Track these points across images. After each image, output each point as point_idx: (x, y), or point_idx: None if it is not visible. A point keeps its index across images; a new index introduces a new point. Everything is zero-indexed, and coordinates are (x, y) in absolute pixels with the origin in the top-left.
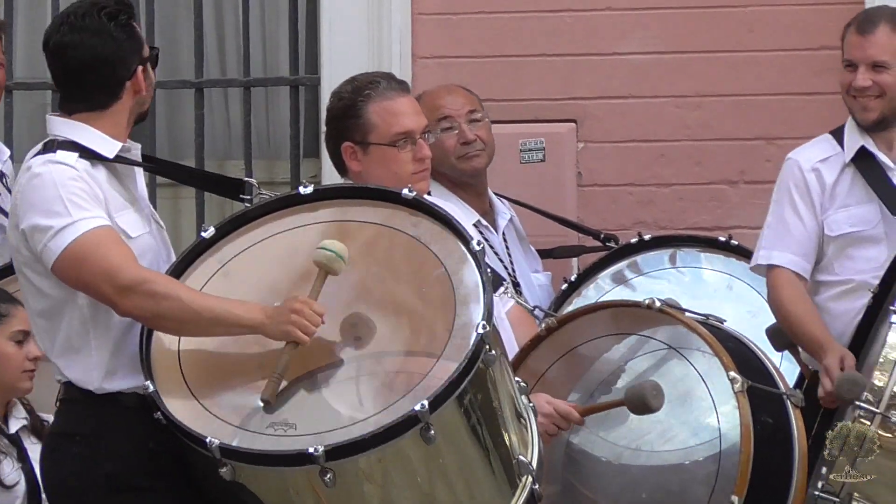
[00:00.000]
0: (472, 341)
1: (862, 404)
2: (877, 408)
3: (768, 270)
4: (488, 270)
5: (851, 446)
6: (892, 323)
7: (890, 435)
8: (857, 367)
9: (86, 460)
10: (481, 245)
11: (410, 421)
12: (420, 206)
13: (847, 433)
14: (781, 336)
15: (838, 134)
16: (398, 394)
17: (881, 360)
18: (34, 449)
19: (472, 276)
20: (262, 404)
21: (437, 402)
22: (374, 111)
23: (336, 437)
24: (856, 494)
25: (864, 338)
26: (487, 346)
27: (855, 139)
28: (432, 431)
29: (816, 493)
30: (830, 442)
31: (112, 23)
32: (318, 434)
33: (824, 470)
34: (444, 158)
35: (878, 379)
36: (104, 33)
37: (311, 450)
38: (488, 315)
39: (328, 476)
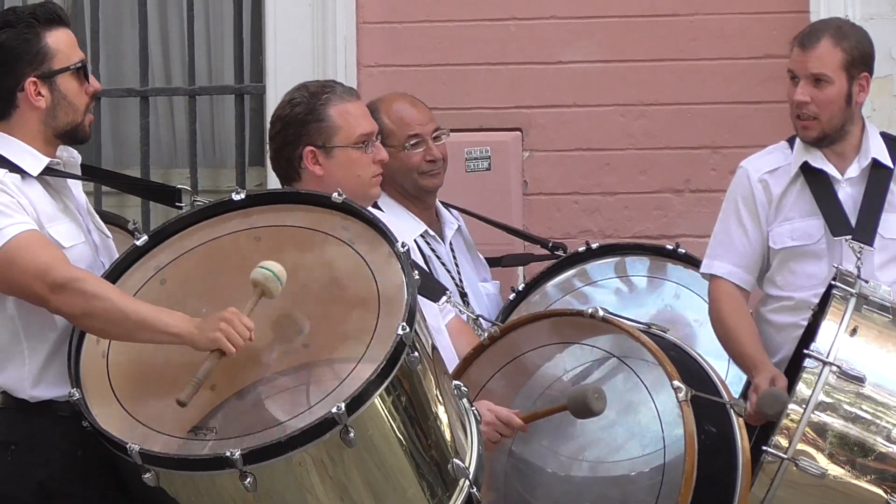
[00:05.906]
0: (391, 343)
1: (770, 449)
2: (785, 453)
3: (710, 280)
4: (414, 272)
5: (851, 446)
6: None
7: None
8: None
9: (18, 468)
10: (406, 247)
11: (328, 423)
12: (349, 210)
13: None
14: None
15: (793, 142)
16: (318, 397)
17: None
18: None
19: (396, 278)
20: (178, 406)
21: (354, 404)
22: (337, 113)
23: (255, 440)
24: None
25: (802, 358)
26: (409, 348)
27: (800, 153)
28: (352, 434)
29: None
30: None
31: (4, 29)
32: (238, 438)
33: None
34: (407, 173)
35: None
36: None
37: (228, 453)
38: (410, 317)
39: (248, 480)
